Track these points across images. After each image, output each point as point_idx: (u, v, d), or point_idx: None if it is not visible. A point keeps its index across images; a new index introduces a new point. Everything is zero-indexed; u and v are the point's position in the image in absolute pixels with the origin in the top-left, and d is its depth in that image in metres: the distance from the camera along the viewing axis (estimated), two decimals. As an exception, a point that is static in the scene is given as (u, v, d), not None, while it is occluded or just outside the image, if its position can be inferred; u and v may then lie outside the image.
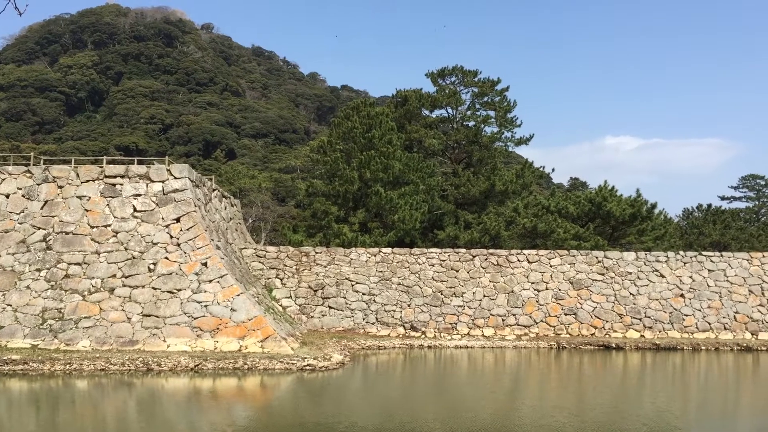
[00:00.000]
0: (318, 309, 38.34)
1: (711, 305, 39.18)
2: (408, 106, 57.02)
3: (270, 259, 39.46)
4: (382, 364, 31.37)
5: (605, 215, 49.31)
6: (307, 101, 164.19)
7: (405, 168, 49.43)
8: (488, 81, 57.38)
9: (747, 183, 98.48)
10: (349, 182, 47.83)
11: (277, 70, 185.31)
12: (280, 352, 27.77)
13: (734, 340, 37.62)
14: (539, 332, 38.26)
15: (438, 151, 58.40)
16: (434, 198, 51.72)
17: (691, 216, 70.01)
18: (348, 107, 55.68)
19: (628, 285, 39.68)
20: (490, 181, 52.25)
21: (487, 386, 25.48)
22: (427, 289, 39.16)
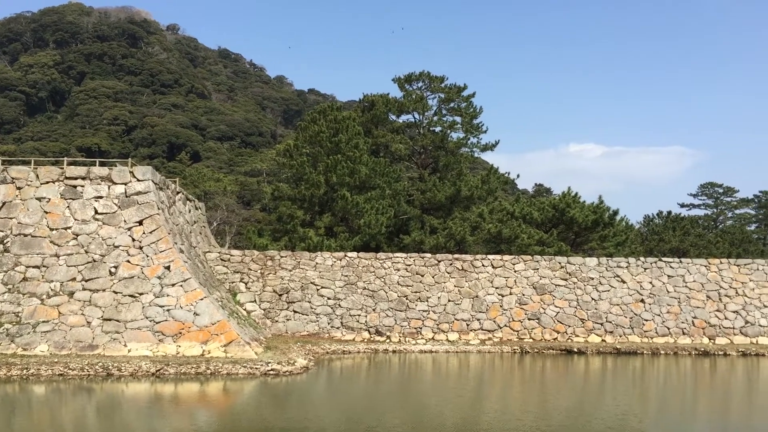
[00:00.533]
0: (283, 313, 38.11)
1: (670, 310, 39.93)
2: (375, 110, 57.06)
3: (234, 262, 39.13)
4: (346, 368, 31.31)
5: (568, 221, 49.96)
6: (274, 104, 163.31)
7: (371, 172, 49.44)
8: (455, 87, 57.73)
9: (706, 191, 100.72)
10: (316, 186, 47.68)
11: (244, 73, 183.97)
12: (244, 356, 27.54)
13: (692, 344, 38.38)
14: (503, 337, 38.56)
15: (404, 156, 58.54)
16: (400, 203, 51.80)
17: (652, 222, 71.34)
18: (315, 111, 55.49)
19: (590, 290, 40.24)
20: (455, 187, 52.52)
21: (453, 391, 25.60)
22: (392, 293, 39.20)
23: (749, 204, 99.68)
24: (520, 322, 39.12)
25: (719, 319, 39.87)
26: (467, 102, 57.90)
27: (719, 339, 39.17)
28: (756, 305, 40.27)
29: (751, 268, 41.52)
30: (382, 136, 56.19)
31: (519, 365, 32.94)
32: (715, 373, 32.23)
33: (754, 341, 39.16)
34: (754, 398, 26.03)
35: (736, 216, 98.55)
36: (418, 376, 29.81)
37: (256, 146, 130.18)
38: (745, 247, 67.66)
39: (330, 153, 49.04)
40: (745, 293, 40.60)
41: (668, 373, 32.11)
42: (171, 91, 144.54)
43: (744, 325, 39.70)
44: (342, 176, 47.68)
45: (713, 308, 40.15)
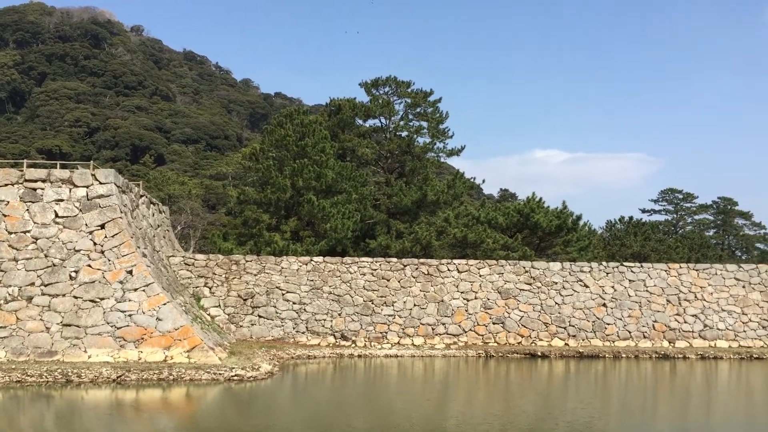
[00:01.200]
0: (247, 318, 37.81)
1: (631, 314, 40.58)
2: (342, 115, 57.05)
3: (199, 267, 38.72)
4: (311, 373, 31.19)
5: (533, 226, 50.54)
6: (240, 108, 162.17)
7: (338, 177, 49.41)
8: (421, 92, 58.02)
9: (666, 197, 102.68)
10: (282, 190, 47.45)
11: (209, 75, 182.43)
12: (207, 362, 27.25)
13: (653, 348, 39.06)
14: (468, 341, 38.79)
15: (371, 161, 58.63)
16: (366, 207, 51.83)
17: (614, 228, 72.47)
18: (281, 115, 55.27)
19: (553, 294, 40.70)
20: (422, 191, 52.75)
21: (420, 395, 25.67)
22: (358, 298, 39.18)
23: (708, 210, 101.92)
24: (485, 327, 39.39)
25: (679, 323, 40.65)
26: (433, 107, 58.25)
27: (679, 342, 39.93)
28: (714, 309, 41.15)
29: (710, 272, 42.43)
30: (348, 141, 56.21)
31: (484, 369, 33.17)
32: (675, 376, 32.86)
33: (713, 344, 40.00)
34: (713, 400, 26.58)
35: (695, 221, 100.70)
36: (384, 381, 29.83)
37: (222, 149, 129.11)
38: (703, 252, 69.19)
39: (296, 157, 48.89)
40: (703, 297, 41.46)
41: (630, 376, 32.64)
42: (135, 93, 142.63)
43: (703, 329, 40.53)
44: (308, 180, 47.55)
45: (673, 312, 40.93)
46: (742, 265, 43.71)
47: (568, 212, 51.88)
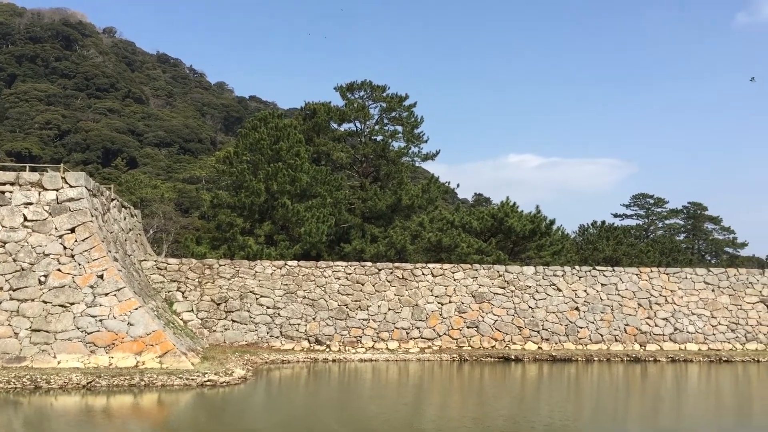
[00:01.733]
0: (221, 323, 37.51)
1: (603, 318, 41.00)
2: (316, 118, 56.96)
3: (171, 271, 38.33)
4: (285, 378, 31.02)
5: (507, 230, 50.87)
6: (214, 111, 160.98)
7: (312, 181, 49.28)
8: (396, 96, 58.18)
9: (638, 201, 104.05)
10: (256, 194, 47.19)
11: (183, 78, 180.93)
12: (180, 367, 26.97)
13: (624, 351, 39.49)
14: (442, 345, 38.88)
15: (346, 165, 58.62)
16: (341, 211, 51.76)
17: (587, 232, 73.26)
18: (256, 118, 55.00)
19: (527, 298, 40.97)
20: (396, 196, 52.83)
21: (394, 399, 25.65)
22: (332, 302, 39.07)
23: (678, 215, 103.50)
24: (459, 330, 39.52)
25: (650, 326, 41.15)
26: (408, 112, 58.45)
27: (650, 345, 40.41)
28: (684, 312, 41.74)
29: (680, 276, 43.05)
30: (323, 145, 56.13)
31: (458, 373, 33.27)
32: (646, 379, 33.25)
33: (683, 347, 40.56)
34: (684, 403, 26.93)
35: (666, 226, 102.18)
36: (359, 385, 29.77)
37: (195, 153, 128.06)
38: (674, 256, 70.21)
39: (271, 161, 48.67)
40: (674, 301, 42.04)
41: (602, 379, 32.96)
42: (107, 96, 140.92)
43: (673, 332, 41.09)
44: (283, 184, 47.36)
45: (644, 316, 41.43)
46: (711, 269, 44.42)
47: (542, 217, 52.35)
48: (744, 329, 41.63)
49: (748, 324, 41.82)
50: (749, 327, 41.74)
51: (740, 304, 42.37)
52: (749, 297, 42.66)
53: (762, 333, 41.61)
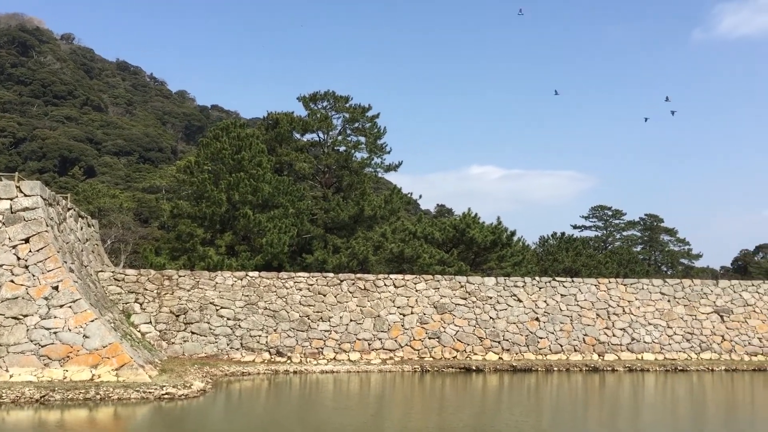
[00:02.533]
0: (180, 334, 36.94)
1: (563, 328, 41.50)
2: (279, 128, 56.76)
3: (129, 282, 37.66)
4: (245, 390, 30.65)
5: (468, 241, 51.27)
6: (175, 119, 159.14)
7: (274, 191, 49.00)
8: (359, 107, 58.32)
9: (596, 213, 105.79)
10: (217, 204, 46.73)
11: (144, 86, 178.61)
12: (137, 380, 26.45)
13: (583, 361, 40.00)
14: (404, 356, 38.88)
15: (308, 175, 58.46)
16: (303, 222, 51.54)
17: (547, 243, 74.24)
18: (217, 127, 54.57)
19: (488, 309, 41.26)
20: (359, 206, 52.84)
21: (356, 411, 25.53)
22: (294, 313, 38.81)
23: (635, 226, 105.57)
24: (420, 341, 39.58)
25: (608, 336, 41.78)
26: (371, 122, 58.65)
27: (608, 355, 41.01)
28: (641, 323, 42.48)
29: (637, 287, 43.84)
30: (286, 155, 55.92)
31: (420, 384, 33.29)
32: (604, 388, 33.71)
33: (640, 357, 41.24)
34: (641, 411, 27.34)
35: (624, 237, 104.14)
36: (320, 397, 29.57)
37: (156, 162, 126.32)
38: (631, 267, 71.54)
39: (232, 170, 48.29)
40: (631, 311, 42.77)
41: (561, 389, 33.30)
42: (64, 103, 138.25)
43: (630, 342, 41.77)
44: (244, 194, 47.00)
45: (602, 326, 42.05)
46: (667, 280, 45.34)
47: (503, 228, 52.91)
48: (699, 339, 42.54)
49: (702, 334, 42.75)
50: (704, 337, 42.66)
51: (695, 315, 43.30)
52: (703, 307, 43.63)
53: (716, 343, 42.57)
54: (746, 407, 28.87)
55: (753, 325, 43.38)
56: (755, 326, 43.34)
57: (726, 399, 30.93)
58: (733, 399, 31.01)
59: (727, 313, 43.52)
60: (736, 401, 30.33)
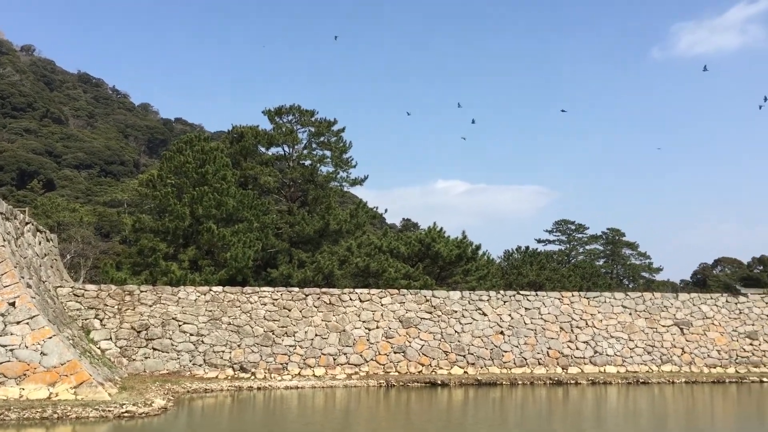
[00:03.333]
0: (141, 351, 36.25)
1: (527, 342, 41.78)
2: (244, 142, 56.43)
3: (89, 298, 36.89)
4: (208, 408, 30.17)
5: (434, 255, 51.43)
6: (138, 132, 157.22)
7: (239, 205, 48.62)
8: (325, 121, 58.32)
9: (560, 227, 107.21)
10: (180, 218, 46.16)
11: (106, 99, 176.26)
12: (96, 398, 25.86)
13: (547, 374, 40.28)
14: (369, 370, 38.71)
15: (273, 189, 58.15)
16: (268, 236, 51.18)
17: (511, 257, 74.85)
18: (181, 141, 54.03)
19: (453, 323, 41.36)
20: (324, 220, 52.70)
21: (320, 427, 25.30)
22: (258, 328, 38.41)
23: (598, 240, 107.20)
24: (386, 356, 39.47)
25: (571, 350, 42.17)
26: (337, 136, 58.66)
27: (571, 368, 41.38)
28: (603, 335, 43.00)
29: (599, 300, 44.41)
30: (250, 169, 55.59)
31: (385, 399, 33.15)
32: (568, 401, 33.97)
33: (602, 370, 41.69)
34: (603, 424, 27.60)
35: (587, 251, 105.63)
36: (284, 414, 29.24)
37: (117, 175, 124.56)
38: (594, 281, 72.50)
39: (196, 184, 47.81)
40: (594, 324, 43.28)
41: (525, 402, 33.45)
42: (23, 115, 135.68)
43: (593, 355, 42.22)
44: (208, 208, 46.54)
45: (566, 339, 42.45)
46: (628, 294, 46.00)
47: (468, 242, 53.22)
48: (659, 351, 43.19)
49: (663, 346, 43.41)
50: (664, 349, 43.33)
51: (656, 327, 43.98)
52: (664, 320, 44.35)
53: (676, 355, 43.26)
54: (706, 419, 29.35)
55: (712, 337, 44.22)
56: (714, 339, 44.18)
57: (686, 411, 31.40)
58: (693, 411, 31.50)
59: (686, 325, 44.31)
60: (696, 413, 30.81)
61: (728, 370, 42.92)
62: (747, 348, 44.23)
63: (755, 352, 44.18)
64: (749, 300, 46.22)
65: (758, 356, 43.99)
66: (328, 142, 58.57)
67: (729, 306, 45.63)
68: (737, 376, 41.77)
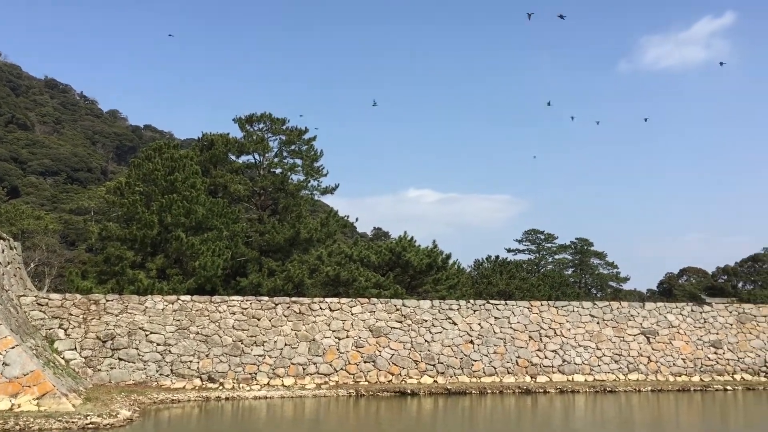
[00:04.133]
0: (107, 361, 35.63)
1: (497, 351, 41.97)
2: (214, 150, 55.99)
3: (53, 307, 36.20)
4: (175, 418, 29.74)
5: (404, 264, 51.49)
6: (106, 139, 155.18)
7: (208, 213, 48.17)
8: (296, 129, 58.17)
9: (529, 237, 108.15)
10: (148, 226, 45.57)
11: (73, 105, 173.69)
12: (60, 409, 25.36)
13: (516, 383, 40.47)
14: (339, 380, 38.53)
15: (244, 197, 57.75)
16: (238, 244, 50.77)
17: (481, 266, 75.34)
18: (150, 148, 53.42)
19: (423, 332, 41.39)
20: (294, 229, 52.45)
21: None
22: (227, 338, 38.03)
23: (566, 250, 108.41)
24: (356, 365, 39.34)
25: (540, 358, 42.46)
26: (308, 145, 58.53)
27: (540, 377, 41.64)
28: (572, 345, 43.38)
29: (568, 309, 44.81)
30: (220, 177, 55.16)
31: (355, 408, 33.01)
32: (536, 409, 34.17)
33: (570, 379, 42.03)
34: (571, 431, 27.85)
35: (556, 261, 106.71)
36: (252, 424, 28.95)
37: (84, 183, 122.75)
38: (563, 290, 73.25)
39: (165, 192, 47.28)
40: (562, 333, 43.64)
41: (495, 411, 33.57)
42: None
43: (561, 364, 42.56)
44: (177, 216, 46.04)
45: (535, 348, 42.73)
46: (596, 303, 46.48)
47: (438, 251, 53.35)
48: (626, 360, 43.68)
49: (630, 355, 43.92)
50: (631, 358, 43.84)
51: (623, 336, 44.50)
52: (631, 329, 44.89)
53: (642, 364, 43.80)
54: (671, 428, 29.73)
55: (677, 346, 44.87)
56: (679, 347, 44.84)
57: (652, 420, 31.77)
58: (659, 420, 31.88)
59: (653, 334, 44.91)
60: (661, 422, 31.20)
61: (693, 378, 43.57)
62: (711, 357, 44.96)
63: (719, 360, 44.92)
64: (714, 309, 47.02)
65: (722, 365, 44.74)
66: (299, 151, 58.40)
67: (694, 315, 46.37)
68: (702, 384, 42.42)
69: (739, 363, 45.01)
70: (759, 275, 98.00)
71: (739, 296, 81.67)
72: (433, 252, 52.96)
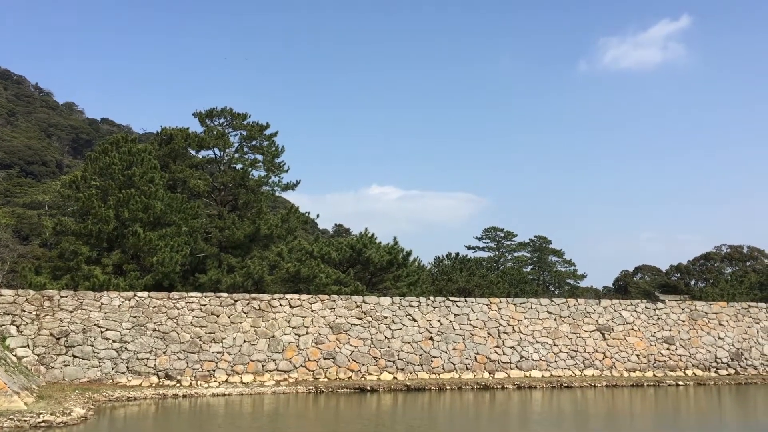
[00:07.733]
0: (60, 358, 34.97)
1: (456, 347, 42.35)
2: (173, 144, 55.23)
3: (5, 303, 35.37)
4: (131, 416, 29.33)
5: (365, 261, 51.61)
6: (62, 132, 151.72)
7: (167, 208, 47.52)
8: (257, 125, 57.70)
9: (489, 234, 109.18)
10: (104, 221, 44.77)
11: (27, 97, 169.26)
12: (11, 408, 24.80)
13: (474, 379, 40.92)
14: (299, 377, 38.46)
15: (203, 193, 57.07)
16: (197, 240, 50.21)
17: (442, 263, 75.89)
18: (107, 141, 52.42)
19: (383, 329, 41.55)
20: (255, 225, 52.07)
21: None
22: (185, 335, 37.63)
23: (525, 247, 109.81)
24: (315, 362, 39.30)
25: (498, 355, 42.98)
26: (269, 141, 58.12)
27: (498, 373, 42.16)
28: (529, 341, 44.00)
29: (526, 306, 45.43)
30: (180, 172, 54.44)
31: (314, 405, 32.99)
32: (494, 405, 34.60)
33: (528, 374, 42.65)
34: (527, 426, 28.25)
35: (515, 258, 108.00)
36: (209, 421, 28.71)
37: (38, 176, 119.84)
38: (522, 287, 74.26)
39: (122, 186, 46.51)
40: (520, 330, 44.23)
41: (453, 407, 33.89)
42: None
43: (519, 360, 43.15)
44: (135, 211, 45.32)
45: (493, 344, 43.24)
46: (554, 300, 47.22)
47: (399, 248, 53.59)
48: (582, 356, 44.49)
49: (585, 351, 44.75)
50: (587, 354, 44.66)
51: (579, 333, 45.30)
52: (587, 326, 45.73)
53: (598, 360, 44.65)
54: (624, 421, 30.40)
55: (631, 342, 45.84)
56: (633, 343, 45.82)
57: (606, 413, 32.44)
58: (612, 413, 32.57)
59: (608, 331, 45.80)
60: (615, 416, 31.87)
61: (647, 373, 44.60)
62: (664, 352, 46.06)
63: (672, 356, 46.05)
64: (667, 306, 48.16)
65: (674, 361, 45.87)
66: (260, 146, 57.97)
67: (648, 312, 47.42)
68: (655, 379, 43.46)
69: (691, 359, 46.21)
70: (710, 273, 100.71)
71: (692, 294, 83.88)
72: (393, 249, 53.17)
